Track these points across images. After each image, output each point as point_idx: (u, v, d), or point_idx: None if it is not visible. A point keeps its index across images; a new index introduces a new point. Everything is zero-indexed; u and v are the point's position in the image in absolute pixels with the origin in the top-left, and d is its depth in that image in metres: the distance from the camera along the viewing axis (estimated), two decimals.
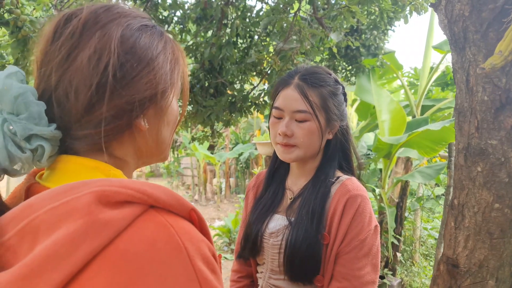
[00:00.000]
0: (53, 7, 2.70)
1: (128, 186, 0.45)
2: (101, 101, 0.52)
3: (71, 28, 0.53)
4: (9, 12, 2.20)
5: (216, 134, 3.40)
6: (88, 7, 0.56)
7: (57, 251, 0.40)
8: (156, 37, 0.59)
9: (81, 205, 0.42)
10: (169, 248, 0.43)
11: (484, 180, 1.25)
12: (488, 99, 1.19)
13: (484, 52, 1.17)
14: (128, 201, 0.44)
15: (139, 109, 0.55)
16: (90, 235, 0.41)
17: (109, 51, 0.52)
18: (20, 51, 2.36)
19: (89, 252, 0.41)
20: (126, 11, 0.58)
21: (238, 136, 11.05)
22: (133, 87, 0.54)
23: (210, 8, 2.79)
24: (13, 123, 0.48)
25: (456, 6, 1.21)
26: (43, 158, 0.51)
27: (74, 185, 0.45)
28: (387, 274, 3.91)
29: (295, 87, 1.04)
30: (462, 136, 1.31)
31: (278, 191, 1.17)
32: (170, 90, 0.60)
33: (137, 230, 0.43)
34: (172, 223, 0.45)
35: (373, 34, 3.70)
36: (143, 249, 0.42)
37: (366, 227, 0.98)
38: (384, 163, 3.97)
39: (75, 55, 0.52)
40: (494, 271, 1.31)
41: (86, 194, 0.43)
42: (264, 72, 2.90)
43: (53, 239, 0.41)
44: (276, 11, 2.52)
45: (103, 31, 0.54)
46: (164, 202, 0.47)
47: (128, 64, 0.54)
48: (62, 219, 0.42)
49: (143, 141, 0.59)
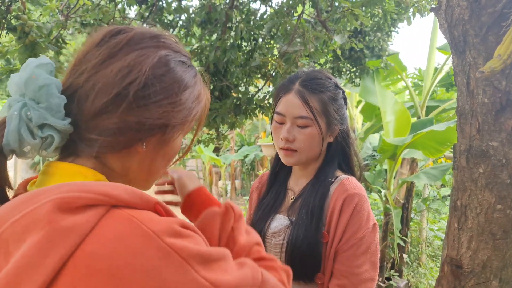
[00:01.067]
0: (59, 13, 2.75)
1: (89, 189, 0.46)
2: (114, 110, 0.54)
3: (117, 40, 0.56)
4: (16, 18, 2.24)
5: (221, 136, 3.43)
6: (139, 28, 0.59)
7: (27, 263, 0.41)
8: (189, 75, 0.61)
9: (41, 215, 0.43)
10: (136, 236, 0.44)
11: (486, 182, 1.27)
12: (489, 102, 1.20)
13: (484, 55, 1.19)
14: (90, 205, 0.45)
15: (146, 133, 0.56)
16: (55, 243, 0.42)
17: (140, 70, 0.55)
18: (28, 56, 2.40)
19: (58, 260, 0.41)
20: (170, 43, 0.61)
21: (243, 138, 11.08)
22: (149, 110, 0.55)
23: (215, 11, 2.82)
24: (31, 109, 0.51)
25: (455, 10, 1.22)
26: (50, 147, 0.53)
27: (33, 194, 0.46)
28: (394, 275, 3.90)
29: (296, 93, 1.06)
30: (464, 138, 1.32)
31: (280, 191, 1.20)
32: (181, 127, 0.61)
33: (101, 230, 0.44)
34: (135, 215, 0.46)
35: (377, 35, 3.71)
36: (111, 247, 0.43)
37: (364, 225, 1.01)
38: (389, 164, 3.97)
39: (109, 63, 0.55)
40: (497, 272, 1.32)
41: (45, 204, 0.44)
42: (269, 75, 2.92)
43: (21, 252, 0.42)
44: (280, 14, 2.55)
45: (142, 52, 0.56)
46: (127, 201, 0.47)
47: (153, 89, 0.55)
48: (26, 231, 0.43)
49: (137, 163, 0.60)
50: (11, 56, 2.64)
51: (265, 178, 1.31)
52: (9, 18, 2.27)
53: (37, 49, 2.38)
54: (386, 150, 3.71)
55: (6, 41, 2.73)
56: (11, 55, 2.52)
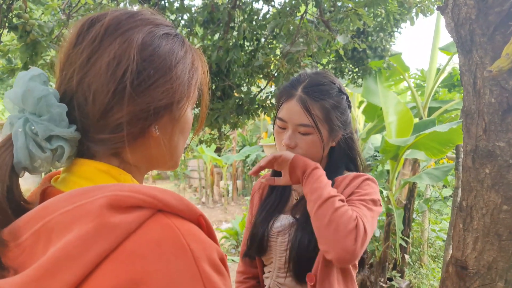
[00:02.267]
0: (61, 12, 2.74)
1: (139, 191, 0.47)
2: (117, 106, 0.53)
3: (94, 33, 0.54)
4: (17, 17, 2.23)
5: (223, 136, 3.43)
6: (112, 13, 0.57)
7: (69, 252, 0.41)
8: (176, 46, 0.59)
9: (93, 209, 0.44)
10: (174, 248, 0.45)
11: (492, 182, 1.26)
12: (496, 101, 1.19)
13: (491, 55, 1.18)
14: (138, 206, 0.46)
15: (154, 117, 0.56)
16: (101, 237, 0.43)
17: (128, 58, 0.53)
18: (29, 56, 2.39)
19: (100, 253, 0.42)
20: (149, 18, 0.59)
21: (245, 138, 11.08)
22: (149, 95, 0.55)
23: (217, 11, 2.82)
24: (35, 123, 0.50)
25: (462, 9, 1.21)
26: (62, 158, 0.53)
27: (88, 189, 0.47)
28: (396, 276, 3.89)
29: (298, 101, 1.06)
30: (470, 138, 1.31)
31: (284, 192, 1.20)
32: (186, 100, 0.60)
33: (144, 232, 0.45)
34: (179, 226, 0.47)
35: (380, 36, 3.70)
36: (148, 250, 0.44)
37: (369, 194, 1.04)
38: (392, 165, 3.96)
39: (95, 60, 0.53)
40: (503, 273, 1.31)
41: (98, 199, 0.45)
42: (271, 75, 2.91)
43: (65, 241, 0.42)
44: (283, 14, 2.54)
45: (124, 37, 0.54)
46: (174, 206, 0.48)
47: (146, 72, 0.54)
48: (74, 222, 0.44)
49: (155, 148, 0.60)
50: (13, 55, 2.64)
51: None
52: (10, 17, 2.26)
53: (38, 48, 2.37)
54: (389, 151, 3.70)
55: (7, 40, 2.72)
56: (12, 54, 2.51)
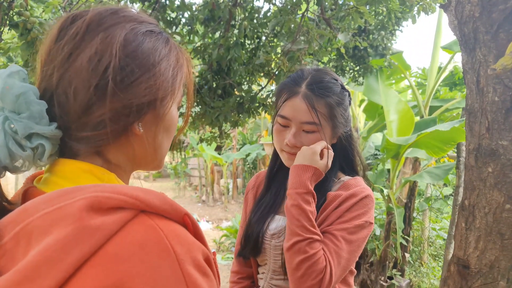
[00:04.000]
0: (62, 9, 2.73)
1: (121, 192, 0.45)
2: (98, 103, 0.52)
3: (75, 28, 0.53)
4: (18, 15, 2.22)
5: (224, 135, 3.42)
6: (94, 9, 0.56)
7: (48, 257, 0.40)
8: (160, 43, 0.58)
9: (73, 211, 0.43)
10: (158, 250, 0.44)
11: (495, 181, 1.25)
12: (499, 100, 1.19)
13: (495, 53, 1.17)
14: (120, 207, 0.45)
15: (136, 114, 0.55)
16: (81, 240, 0.41)
17: (110, 54, 0.52)
18: (30, 53, 2.38)
19: (80, 257, 0.41)
20: (132, 15, 0.58)
21: (246, 136, 11.07)
22: (132, 91, 0.54)
23: (218, 9, 2.80)
24: (14, 121, 0.49)
25: (466, 7, 1.21)
26: (43, 156, 0.52)
27: (68, 190, 0.45)
28: (396, 274, 3.89)
29: (303, 98, 1.03)
30: (473, 136, 1.31)
31: (279, 192, 1.18)
32: (170, 97, 0.59)
33: (126, 234, 0.44)
34: (162, 227, 0.46)
35: (381, 34, 3.69)
36: (131, 252, 0.43)
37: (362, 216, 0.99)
38: (392, 164, 3.96)
39: (76, 56, 0.52)
40: (505, 272, 1.30)
41: (78, 200, 0.43)
42: (272, 73, 2.90)
43: (44, 245, 0.41)
44: (284, 12, 2.53)
45: (106, 33, 0.53)
46: (157, 207, 0.47)
47: (128, 68, 0.53)
48: (53, 225, 0.42)
49: (139, 146, 0.58)
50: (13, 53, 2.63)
51: (261, 177, 1.29)
52: (11, 15, 2.25)
53: (39, 46, 2.36)
54: (390, 150, 3.69)
55: (8, 38, 2.71)
56: (13, 52, 2.51)
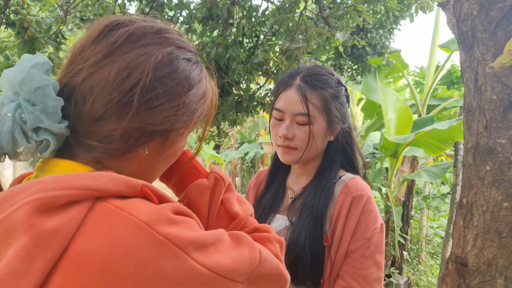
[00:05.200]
0: (59, 8, 2.72)
1: (69, 185, 0.43)
2: (113, 117, 0.51)
3: (116, 36, 0.52)
4: (15, 13, 2.21)
5: (222, 133, 3.41)
6: (140, 22, 0.55)
7: (12, 270, 0.39)
8: (193, 74, 0.56)
9: (20, 220, 0.40)
10: (127, 229, 0.42)
11: (493, 179, 1.25)
12: (497, 98, 1.19)
13: (493, 51, 1.17)
14: (72, 201, 0.42)
15: (147, 139, 0.53)
16: (40, 248, 0.39)
17: (142, 73, 0.51)
18: (27, 52, 2.38)
19: (46, 263, 0.39)
20: (174, 39, 0.56)
21: (244, 135, 11.06)
22: (151, 116, 0.52)
23: (216, 7, 2.80)
24: (26, 111, 0.48)
25: (464, 5, 1.21)
26: (46, 151, 0.50)
27: (8, 194, 0.43)
28: (394, 273, 3.90)
29: (296, 89, 1.02)
30: (471, 135, 1.31)
31: (279, 190, 1.17)
32: (184, 130, 0.57)
33: (90, 227, 0.42)
34: (122, 206, 0.44)
35: (379, 33, 3.69)
36: (103, 242, 0.41)
37: (372, 225, 0.98)
38: (391, 162, 3.96)
39: (106, 63, 0.51)
40: (503, 270, 1.30)
41: (21, 207, 0.41)
42: (270, 72, 2.90)
43: (7, 259, 0.39)
44: (282, 11, 2.53)
45: (143, 50, 0.52)
46: (112, 190, 0.45)
47: (155, 92, 0.52)
48: (9, 236, 0.40)
49: (138, 165, 0.57)
50: (10, 52, 2.62)
51: (262, 176, 1.28)
52: (8, 13, 2.24)
53: (36, 45, 2.35)
54: (388, 148, 3.70)
55: (5, 37, 2.70)
56: (10, 50, 2.50)
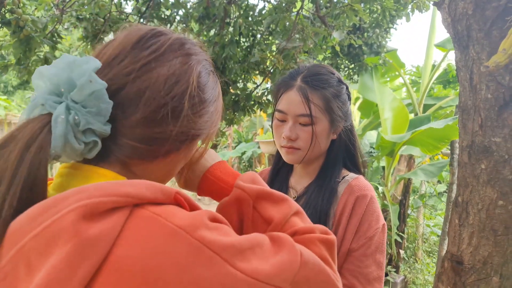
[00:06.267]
0: (54, 7, 2.71)
1: (110, 193, 0.44)
2: (160, 121, 0.53)
3: (160, 43, 0.55)
4: (10, 12, 2.20)
5: (219, 133, 3.41)
6: (178, 34, 0.60)
7: (55, 279, 0.40)
8: (216, 83, 0.63)
9: (66, 226, 0.41)
10: (164, 235, 0.43)
11: (488, 178, 1.26)
12: (492, 97, 1.19)
13: (488, 50, 1.18)
14: (113, 208, 0.44)
15: (187, 143, 0.57)
16: (85, 254, 0.41)
17: (188, 80, 0.55)
18: (22, 51, 2.36)
19: (89, 270, 0.40)
20: (201, 52, 0.62)
21: (241, 135, 11.06)
22: (194, 121, 0.56)
23: (213, 7, 2.80)
24: (80, 114, 0.48)
25: (459, 4, 1.21)
26: (92, 152, 0.51)
27: (49, 204, 0.44)
28: (391, 271, 3.91)
29: (297, 90, 1.02)
30: (466, 134, 1.31)
31: (281, 190, 1.16)
32: (213, 133, 0.62)
33: (130, 233, 0.43)
34: (160, 213, 0.45)
35: (376, 32, 3.70)
36: (143, 249, 0.42)
37: (374, 225, 0.99)
38: (387, 161, 3.98)
39: (154, 67, 0.53)
40: (498, 268, 1.31)
41: (67, 214, 0.42)
42: (267, 71, 2.90)
43: (48, 267, 0.40)
44: (279, 10, 2.53)
45: (185, 59, 0.57)
46: (149, 197, 0.47)
47: (198, 99, 0.56)
48: (50, 245, 0.41)
49: (158, 168, 0.58)
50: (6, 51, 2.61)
51: (264, 175, 1.27)
52: (3, 12, 2.23)
53: (32, 44, 2.34)
54: (384, 147, 3.71)
55: (0, 36, 2.69)
56: (5, 50, 2.49)
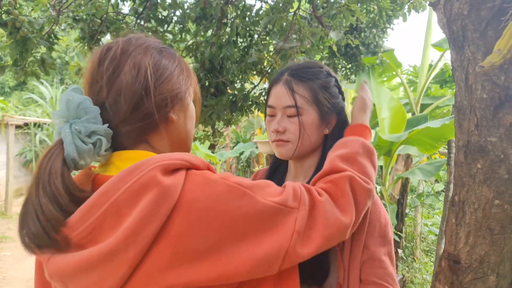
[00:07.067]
0: (51, 8, 2.71)
1: (176, 158, 0.64)
2: (143, 100, 0.71)
3: (112, 54, 0.73)
4: (7, 13, 2.19)
5: (217, 133, 3.41)
6: (123, 39, 0.77)
7: (147, 214, 0.56)
8: (171, 56, 0.79)
9: (151, 178, 0.59)
10: (211, 183, 0.64)
11: (484, 177, 1.26)
12: (487, 97, 1.20)
13: (483, 50, 1.18)
14: (178, 168, 0.63)
15: (170, 104, 0.75)
16: (165, 197, 0.58)
17: (144, 65, 0.72)
18: (19, 52, 2.35)
19: (168, 208, 0.58)
20: (147, 39, 0.79)
21: (239, 135, 11.06)
22: (165, 88, 0.74)
23: (210, 7, 2.80)
24: (78, 124, 0.66)
25: (455, 5, 1.22)
26: (101, 149, 0.68)
27: (136, 166, 0.61)
28: None
29: (283, 83, 1.03)
30: (462, 133, 1.32)
31: None
32: (188, 92, 0.81)
33: (191, 184, 0.62)
34: (205, 173, 0.66)
35: (372, 32, 3.70)
36: (202, 191, 0.62)
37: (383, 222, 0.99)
38: (385, 161, 3.98)
39: (118, 73, 0.71)
40: (495, 267, 1.32)
41: (151, 170, 0.60)
42: (265, 71, 2.90)
43: (140, 209, 0.57)
44: (276, 10, 2.53)
45: (136, 52, 0.74)
46: (196, 164, 0.67)
47: (159, 73, 0.74)
48: (141, 193, 0.58)
49: (175, 131, 0.78)
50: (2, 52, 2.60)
51: (259, 176, 1.28)
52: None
53: (28, 45, 2.34)
54: (382, 147, 3.71)
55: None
56: (2, 51, 2.48)
